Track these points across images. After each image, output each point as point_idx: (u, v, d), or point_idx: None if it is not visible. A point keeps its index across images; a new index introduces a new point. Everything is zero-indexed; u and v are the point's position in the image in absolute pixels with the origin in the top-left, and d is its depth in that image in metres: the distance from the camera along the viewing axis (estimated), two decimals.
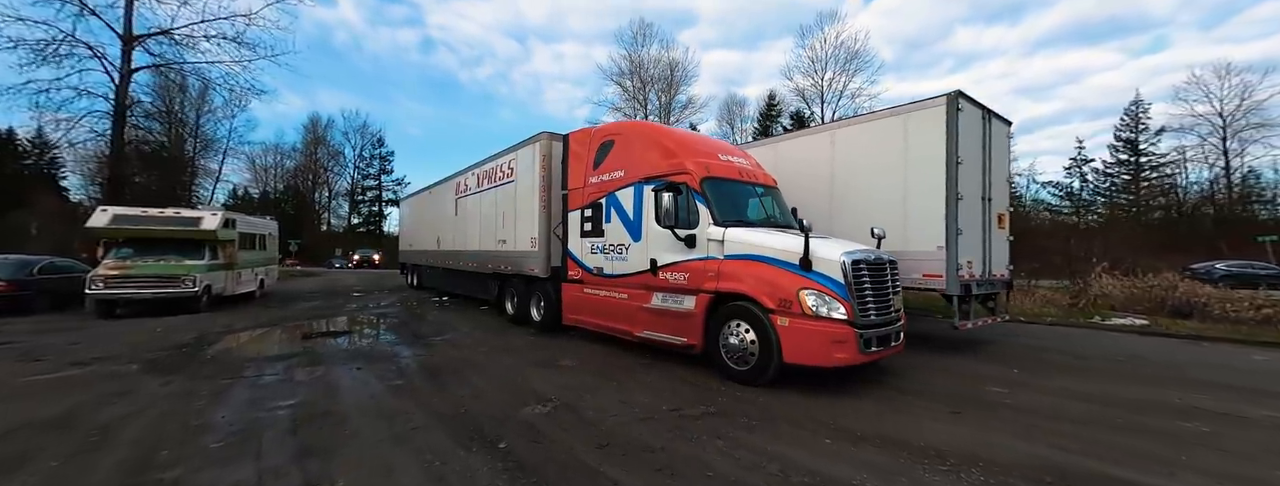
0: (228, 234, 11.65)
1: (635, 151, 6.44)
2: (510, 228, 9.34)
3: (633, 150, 6.48)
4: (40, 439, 3.37)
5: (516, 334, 8.00)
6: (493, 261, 10.04)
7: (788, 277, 4.56)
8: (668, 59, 39.67)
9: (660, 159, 6.03)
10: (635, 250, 6.22)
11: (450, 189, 13.11)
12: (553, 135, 8.34)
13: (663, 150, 6.11)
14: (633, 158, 6.43)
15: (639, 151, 6.37)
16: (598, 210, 6.91)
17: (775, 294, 4.54)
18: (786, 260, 4.68)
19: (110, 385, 4.80)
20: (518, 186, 9.11)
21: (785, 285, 4.52)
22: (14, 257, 11.15)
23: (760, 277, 4.72)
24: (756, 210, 6.03)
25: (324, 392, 4.53)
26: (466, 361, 5.91)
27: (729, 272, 5.02)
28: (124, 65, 17.36)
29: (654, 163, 6.07)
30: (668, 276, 5.72)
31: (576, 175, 7.39)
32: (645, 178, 6.11)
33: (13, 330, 8.15)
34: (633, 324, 6.21)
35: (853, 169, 7.20)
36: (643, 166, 6.21)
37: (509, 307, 9.51)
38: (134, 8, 17.46)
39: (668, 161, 5.91)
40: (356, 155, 54.45)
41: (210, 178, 37.12)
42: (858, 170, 7.13)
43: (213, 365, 5.69)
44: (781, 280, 4.58)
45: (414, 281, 17.24)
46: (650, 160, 6.13)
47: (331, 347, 6.87)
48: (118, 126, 17.79)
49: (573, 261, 7.38)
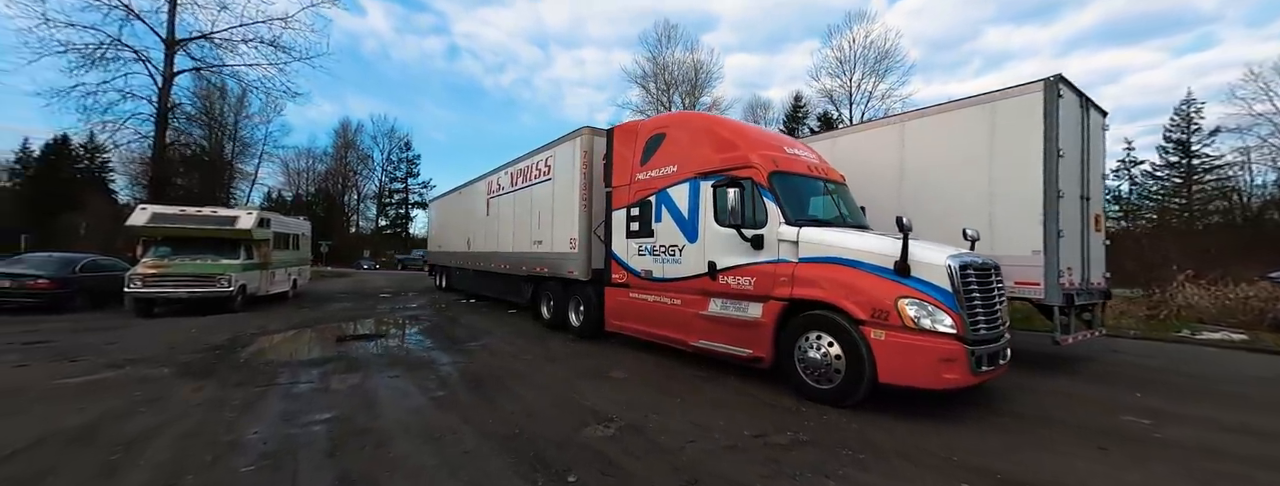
0: (262, 233, 11.59)
1: (690, 144, 5.93)
2: (547, 228, 8.94)
3: (687, 143, 5.98)
4: (59, 455, 3.03)
5: (555, 340, 7.56)
6: (527, 263, 9.65)
7: (882, 284, 3.98)
8: (692, 61, 39.18)
9: (720, 152, 5.51)
10: (690, 252, 5.70)
11: (482, 189, 12.83)
12: (595, 130, 7.91)
13: (722, 142, 5.59)
14: (687, 151, 5.93)
15: (694, 144, 5.86)
16: (646, 209, 6.43)
17: (867, 302, 3.96)
18: (878, 264, 4.10)
19: (141, 390, 4.51)
20: (555, 185, 8.70)
21: (879, 293, 3.93)
22: (58, 256, 11.30)
23: (847, 284, 4.14)
24: (827, 208, 5.45)
25: (362, 404, 4.14)
26: (509, 370, 5.48)
27: (806, 277, 4.45)
28: (166, 68, 17.76)
29: (712, 156, 5.55)
30: (729, 281, 5.18)
31: (622, 171, 6.92)
32: (702, 172, 5.60)
33: (53, 328, 8.11)
34: (687, 332, 5.69)
35: (927, 165, 6.54)
36: (699, 160, 5.70)
37: (545, 312, 9.10)
38: (176, 12, 17.89)
39: (729, 154, 5.39)
40: (384, 159, 55.49)
41: (246, 180, 38.13)
42: (933, 166, 6.46)
43: (246, 370, 5.39)
44: (874, 287, 3.99)
45: (442, 283, 17.07)
46: (708, 153, 5.62)
47: (366, 352, 6.54)
48: (160, 129, 18.19)
49: (617, 264, 6.90)
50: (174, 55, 17.93)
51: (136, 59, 17.33)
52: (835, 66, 36.48)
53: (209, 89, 27.21)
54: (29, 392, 4.46)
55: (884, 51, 34.84)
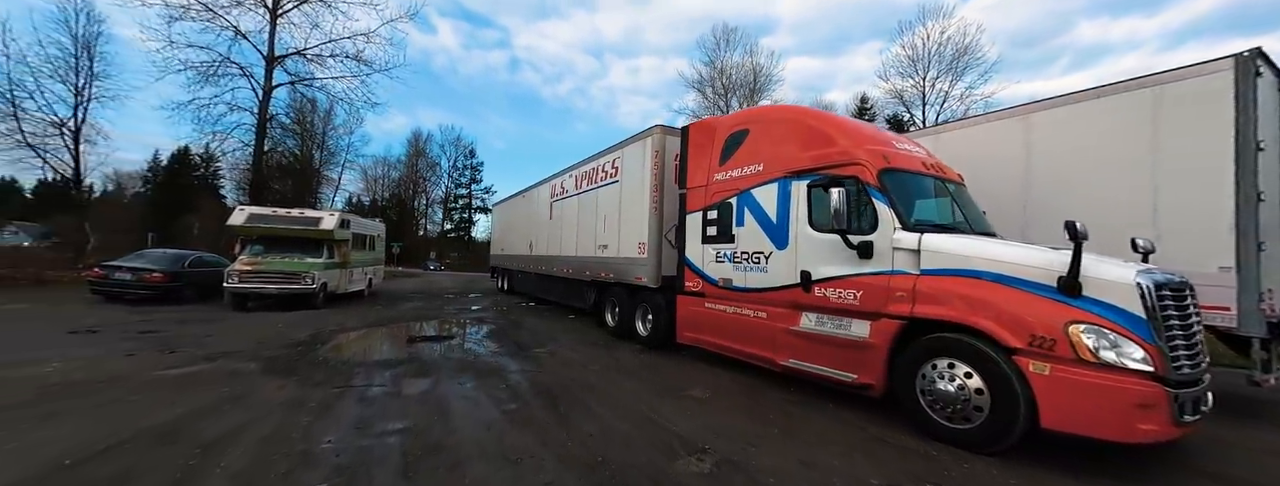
0: (343, 234, 12.17)
1: (778, 141, 5.37)
2: (613, 232, 8.62)
3: (775, 139, 5.42)
4: (140, 455, 2.98)
5: (623, 350, 7.17)
6: (591, 268, 9.39)
7: (1043, 305, 3.22)
8: (751, 64, 38.13)
9: (815, 148, 4.90)
10: (778, 259, 5.12)
11: (545, 192, 12.81)
12: (667, 128, 7.51)
13: (818, 137, 4.98)
14: (776, 148, 5.36)
15: (784, 140, 5.29)
16: (725, 212, 5.91)
17: (1023, 327, 3.22)
18: (1035, 280, 3.34)
19: (228, 386, 4.57)
20: (623, 187, 8.38)
21: (1041, 316, 3.18)
22: (171, 252, 12.43)
23: (992, 303, 3.41)
24: (943, 212, 4.69)
25: (434, 415, 3.92)
26: (580, 382, 5.13)
27: (933, 293, 3.75)
28: (266, 82, 19.46)
29: (806, 153, 4.95)
30: (827, 294, 4.55)
31: (698, 172, 6.45)
32: (794, 171, 5.01)
33: (162, 318, 8.78)
34: (774, 350, 5.10)
35: (1062, 164, 5.56)
36: (790, 158, 5.12)
37: (609, 319, 8.77)
38: (276, 32, 19.57)
39: (827, 150, 4.77)
40: (450, 166, 58.44)
41: (331, 186, 41.34)
42: (1071, 165, 5.48)
43: (324, 369, 5.41)
44: (1032, 308, 3.25)
45: (504, 285, 17.32)
46: (800, 150, 5.03)
47: (435, 354, 6.46)
48: (259, 138, 19.93)
49: (691, 271, 6.42)
50: (273, 71, 19.63)
51: (241, 74, 19.15)
52: (906, 65, 34.05)
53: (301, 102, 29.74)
54: (131, 382, 4.64)
55: (962, 48, 32.05)
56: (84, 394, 4.23)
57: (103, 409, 3.82)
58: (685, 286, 6.51)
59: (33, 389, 4.35)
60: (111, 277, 10.60)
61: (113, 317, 8.64)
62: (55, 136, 15.17)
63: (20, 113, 14.42)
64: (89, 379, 4.74)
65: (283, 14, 19.58)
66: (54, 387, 4.41)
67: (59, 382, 4.58)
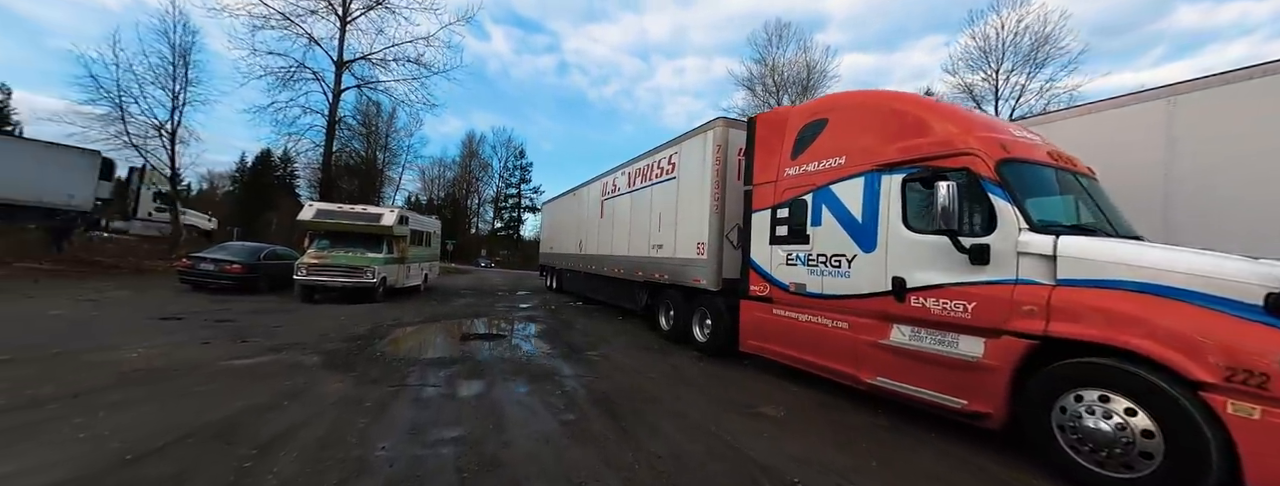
0: (402, 230, 12.50)
1: (865, 129, 4.77)
2: (669, 231, 8.22)
3: (860, 128, 4.83)
4: (197, 454, 2.88)
5: (679, 355, 6.76)
6: (644, 269, 9.03)
7: (1249, 329, 2.52)
8: (804, 60, 36.53)
9: (912, 136, 4.29)
10: (864, 264, 4.53)
11: (596, 190, 12.61)
12: (731, 120, 7.03)
13: (915, 124, 4.36)
14: (861, 138, 4.77)
15: (872, 129, 4.69)
16: (798, 209, 5.37)
17: (1217, 356, 2.52)
18: (1233, 296, 2.63)
19: (289, 380, 4.55)
20: (681, 184, 7.96)
21: (1246, 342, 2.48)
22: (249, 245, 13.24)
23: (1168, 323, 2.72)
24: (1080, 211, 3.96)
25: (489, 423, 3.67)
26: (640, 392, 4.77)
27: (1077, 308, 3.08)
28: (336, 86, 20.56)
29: (900, 143, 4.34)
30: (928, 304, 3.93)
31: (766, 167, 5.94)
32: (886, 164, 4.42)
33: (238, 308, 9.24)
34: (857, 365, 4.52)
35: (1218, 155, 4.63)
36: (880, 148, 4.53)
37: (663, 323, 8.38)
38: (345, 38, 20.65)
39: (927, 139, 4.14)
40: (501, 166, 60.16)
41: (392, 186, 43.54)
42: (1230, 158, 4.54)
43: (380, 365, 5.35)
44: (1231, 332, 2.55)
45: (553, 284, 17.34)
46: (893, 139, 4.42)
47: (489, 354, 6.31)
48: (329, 138, 21.10)
49: (756, 274, 5.91)
50: (341, 75, 20.70)
51: (314, 78, 20.31)
52: (976, 58, 31.32)
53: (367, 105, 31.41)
54: (202, 371, 4.72)
55: (1042, 37, 29.10)
56: (157, 381, 4.31)
57: (171, 398, 3.84)
58: (750, 291, 6.01)
59: (114, 374, 4.50)
60: (197, 268, 11.37)
61: (195, 306, 9.18)
62: (155, 138, 16.73)
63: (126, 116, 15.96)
64: (165, 366, 4.88)
65: (351, 21, 20.63)
66: (133, 373, 4.54)
67: (138, 369, 4.73)
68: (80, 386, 4.03)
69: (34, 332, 6.15)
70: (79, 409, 3.50)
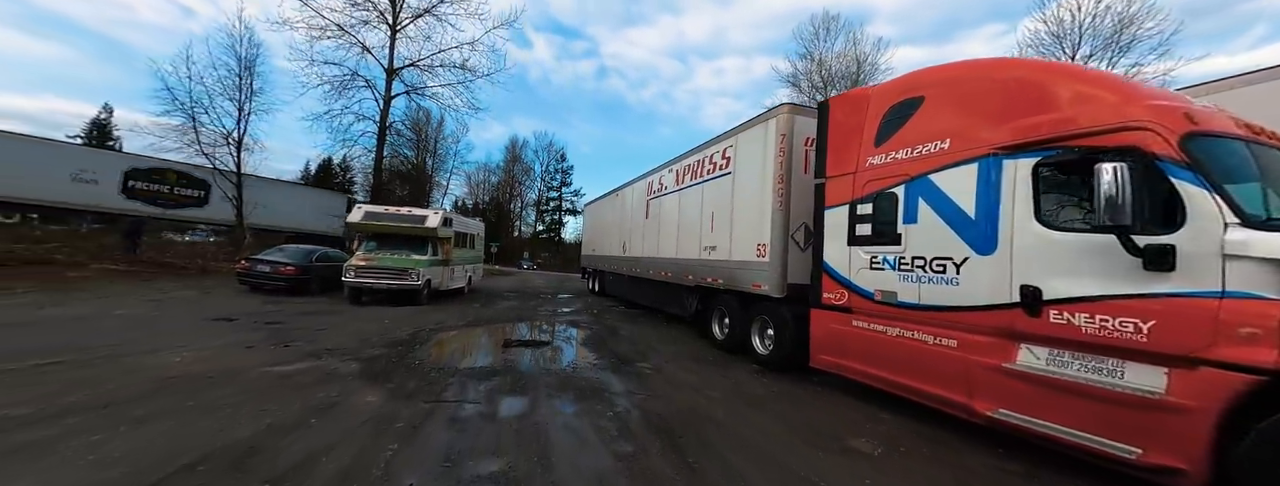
0: (446, 232, 12.42)
1: (977, 105, 3.95)
2: (722, 232, 7.54)
3: (971, 104, 4.01)
4: (209, 481, 2.49)
5: (739, 369, 6.07)
6: (695, 272, 8.39)
7: None
8: (854, 53, 34.62)
9: (1049, 109, 3.45)
10: (980, 268, 3.72)
11: (641, 190, 12.07)
12: (797, 107, 6.30)
13: (1048, 96, 3.52)
14: (972, 116, 3.96)
15: (986, 104, 3.87)
16: (886, 205, 4.58)
17: None
18: None
19: (323, 391, 4.23)
20: (736, 180, 7.27)
21: None
22: (303, 247, 13.56)
23: None
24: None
25: (532, 453, 3.15)
26: (702, 415, 4.13)
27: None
28: (386, 92, 21.15)
29: (1030, 118, 3.52)
30: (1075, 320, 3.09)
31: (842, 157, 5.17)
32: (1010, 146, 3.60)
33: (288, 309, 9.30)
34: (970, 392, 3.70)
35: None
36: (998, 127, 3.71)
37: (716, 331, 7.69)
38: (396, 46, 21.21)
39: (1077, 111, 3.30)
40: (543, 170, 60.97)
41: (440, 191, 44.90)
42: None
43: (418, 375, 4.98)
44: None
45: (595, 287, 16.95)
46: (1019, 115, 3.60)
47: (531, 364, 5.85)
48: (380, 144, 21.73)
49: (831, 279, 5.15)
50: (392, 81, 21.27)
51: (366, 86, 20.98)
52: (1048, 43, 28.48)
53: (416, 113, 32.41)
54: (238, 380, 4.49)
55: (1126, 18, 26.01)
56: (191, 391, 4.08)
57: (197, 413, 3.56)
58: (822, 299, 5.25)
59: (153, 380, 4.33)
60: (254, 270, 11.69)
61: (248, 307, 9.32)
62: (222, 146, 17.69)
63: (198, 126, 16.95)
64: (204, 372, 4.69)
65: (401, 29, 21.16)
66: (171, 381, 4.35)
67: (178, 375, 4.56)
68: (114, 395, 3.84)
69: (95, 333, 6.23)
70: (101, 423, 3.25)
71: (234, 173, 18.02)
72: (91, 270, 11.80)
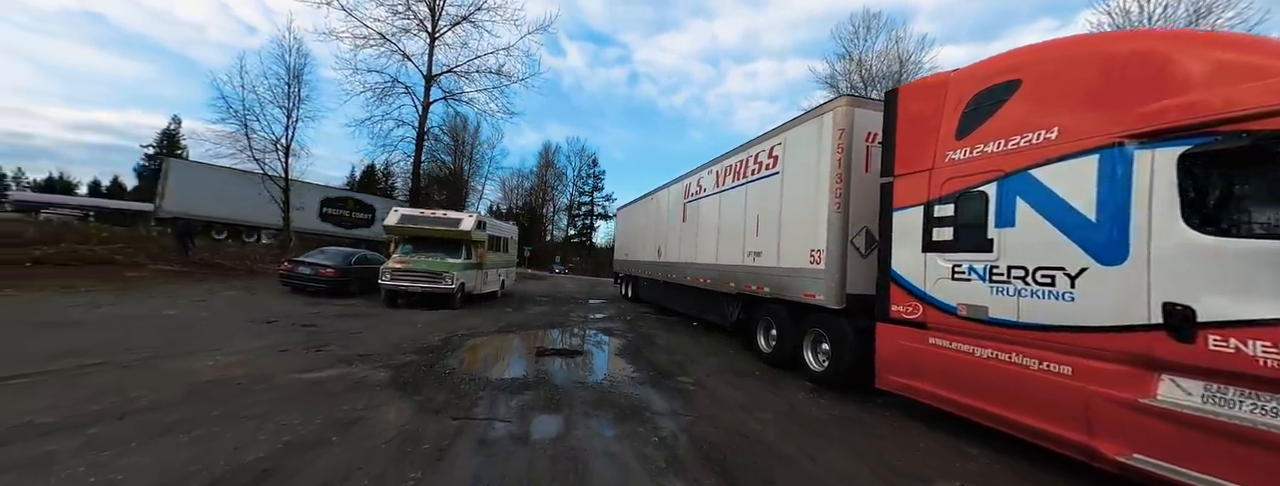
0: (479, 235, 12.33)
1: (1097, 86, 3.33)
2: (769, 236, 7.01)
3: (1089, 84, 3.39)
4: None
5: (790, 387, 5.51)
6: (736, 279, 7.87)
7: None
8: (897, 52, 33.08)
9: (1196, 87, 2.81)
10: (1102, 280, 3.09)
11: (677, 192, 11.63)
12: (858, 98, 5.72)
13: (1191, 73, 2.87)
14: (1089, 99, 3.34)
15: (1112, 83, 3.24)
16: (971, 205, 3.99)
17: None
18: None
19: (348, 404, 3.98)
20: (786, 179, 6.73)
21: None
22: (342, 250, 13.78)
23: None
24: None
25: (568, 483, 2.74)
26: (758, 443, 3.64)
27: None
28: (425, 98, 21.54)
29: (1172, 99, 2.88)
30: (1246, 348, 2.45)
31: (915, 152, 4.59)
32: (1144, 132, 2.98)
33: (326, 312, 9.32)
34: (1091, 430, 3.07)
35: None
36: (1126, 111, 3.08)
37: (762, 343, 7.14)
38: (434, 53, 21.62)
39: (1240, 88, 2.65)
40: (575, 175, 61.36)
41: (475, 195, 45.80)
42: None
43: (448, 387, 4.69)
44: None
45: (628, 292, 16.56)
46: (1153, 96, 2.97)
47: (565, 377, 5.48)
48: (418, 149, 22.12)
49: (902, 290, 4.55)
50: (430, 87, 21.67)
51: (405, 92, 21.42)
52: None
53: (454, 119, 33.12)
54: (266, 388, 4.31)
55: (1203, 8, 23.64)
56: (217, 400, 3.90)
57: (218, 426, 3.34)
58: (891, 312, 4.66)
59: (182, 387, 4.20)
60: (296, 272, 11.90)
61: (288, 309, 9.39)
62: (272, 152, 18.38)
63: (249, 133, 17.67)
64: (235, 378, 4.56)
65: (439, 36, 21.55)
66: (199, 387, 4.21)
67: (210, 380, 4.43)
68: (138, 403, 3.69)
69: (140, 333, 6.28)
70: (119, 435, 3.07)
71: (282, 177, 18.67)
72: (148, 270, 12.32)
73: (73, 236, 14.09)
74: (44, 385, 4.00)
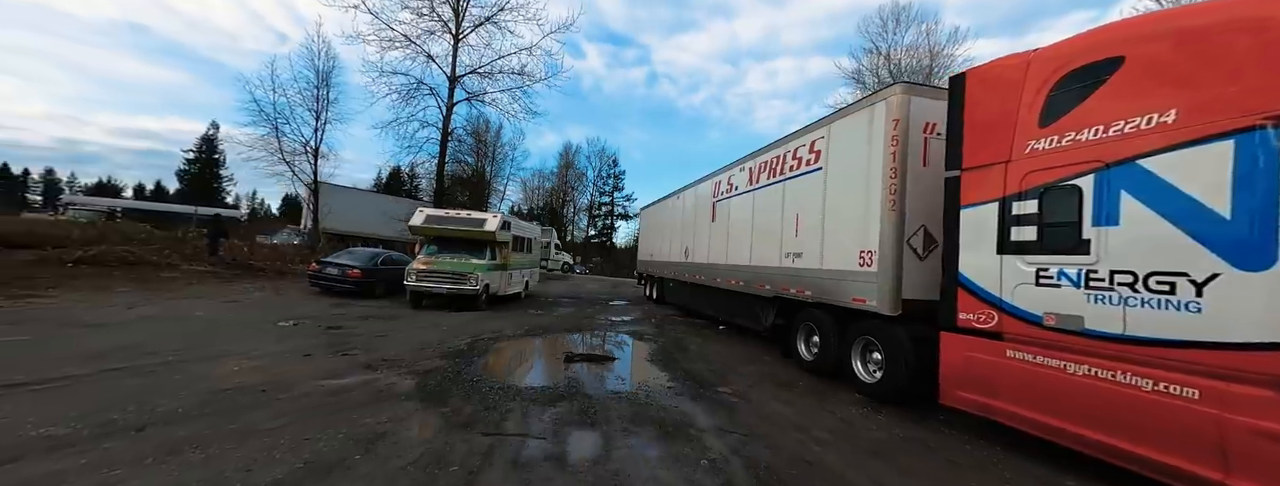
0: (504, 235, 12.16)
1: (1226, 60, 2.83)
2: (810, 236, 6.57)
3: (1215, 58, 2.89)
4: None
5: (841, 401, 5.08)
6: (772, 282, 7.44)
7: None
8: (928, 46, 31.79)
9: None
10: (1239, 288, 2.62)
11: (705, 191, 11.22)
12: (914, 86, 5.26)
13: None
14: (1215, 75, 2.85)
15: (1249, 56, 2.74)
16: (1061, 201, 3.52)
17: None
18: None
19: (372, 417, 3.74)
20: (830, 176, 6.28)
21: None
22: (369, 250, 13.81)
23: None
24: None
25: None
26: (820, 468, 3.26)
27: None
28: (449, 99, 21.61)
29: None
30: None
31: (988, 142, 4.12)
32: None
33: (349, 313, 9.25)
34: (1227, 465, 2.61)
35: None
36: (1272, 87, 2.59)
37: (802, 350, 6.70)
38: (458, 55, 21.68)
39: None
40: (595, 175, 61.35)
41: (497, 196, 46.06)
42: None
43: (476, 396, 4.42)
44: None
45: (652, 294, 16.19)
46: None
47: (598, 385, 5.17)
48: (442, 150, 22.24)
49: (972, 296, 4.09)
50: (454, 88, 21.74)
51: (430, 93, 21.53)
52: None
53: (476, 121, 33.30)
54: (287, 396, 4.12)
55: None
56: (237, 409, 3.71)
57: (232, 442, 3.13)
58: (958, 320, 4.20)
59: (204, 393, 4.04)
60: (323, 272, 11.93)
61: (314, 310, 9.35)
62: (301, 154, 18.71)
63: (280, 136, 18.02)
64: (257, 384, 4.39)
65: (463, 37, 21.61)
66: (221, 395, 4.04)
67: (230, 387, 4.26)
68: (155, 413, 3.52)
69: (167, 336, 6.22)
70: (129, 452, 2.87)
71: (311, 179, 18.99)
72: (181, 271, 12.53)
73: (114, 237, 14.51)
74: (65, 391, 3.88)
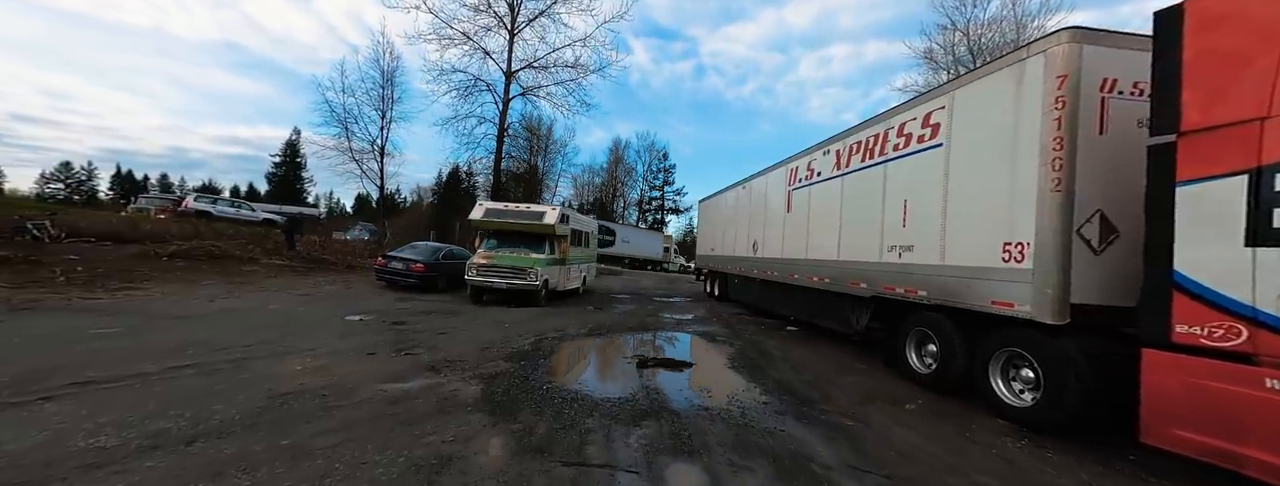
0: (563, 229, 11.77)
1: None
2: (926, 225, 5.54)
3: None
4: None
5: (988, 429, 4.10)
6: (870, 280, 6.45)
7: None
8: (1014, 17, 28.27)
9: None
10: None
11: (778, 179, 10.24)
12: (1086, 31, 4.10)
13: None
14: None
15: None
16: None
17: None
18: None
19: (435, 434, 3.26)
20: (952, 152, 5.23)
21: None
22: (432, 245, 13.94)
23: None
24: None
25: None
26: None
27: None
28: (505, 94, 21.68)
29: None
30: None
31: (1226, 96, 3.03)
32: None
33: (413, 308, 9.13)
34: None
35: None
36: None
37: (913, 361, 5.69)
38: (513, 49, 21.67)
39: None
40: (645, 169, 60.82)
41: (549, 192, 46.62)
42: None
43: (549, 411, 3.86)
44: None
45: (714, 290, 15.32)
46: None
47: (684, 399, 4.48)
48: (498, 144, 22.39)
49: (1199, 302, 3.02)
50: (510, 83, 21.77)
51: (486, 89, 21.69)
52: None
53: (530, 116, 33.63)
54: (346, 403, 3.74)
55: None
56: (294, 421, 3.35)
57: (286, 462, 2.71)
58: (1173, 334, 3.14)
59: (264, 398, 3.75)
60: (388, 267, 12.06)
61: (380, 305, 9.32)
62: (369, 153, 19.41)
63: (350, 135, 18.74)
64: (318, 388, 4.08)
65: (518, 32, 21.56)
66: (282, 398, 3.74)
67: (291, 391, 3.95)
68: (210, 422, 3.20)
69: (238, 330, 6.20)
70: (173, 472, 2.51)
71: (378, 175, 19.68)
72: (262, 265, 13.15)
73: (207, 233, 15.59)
74: (130, 392, 3.69)
